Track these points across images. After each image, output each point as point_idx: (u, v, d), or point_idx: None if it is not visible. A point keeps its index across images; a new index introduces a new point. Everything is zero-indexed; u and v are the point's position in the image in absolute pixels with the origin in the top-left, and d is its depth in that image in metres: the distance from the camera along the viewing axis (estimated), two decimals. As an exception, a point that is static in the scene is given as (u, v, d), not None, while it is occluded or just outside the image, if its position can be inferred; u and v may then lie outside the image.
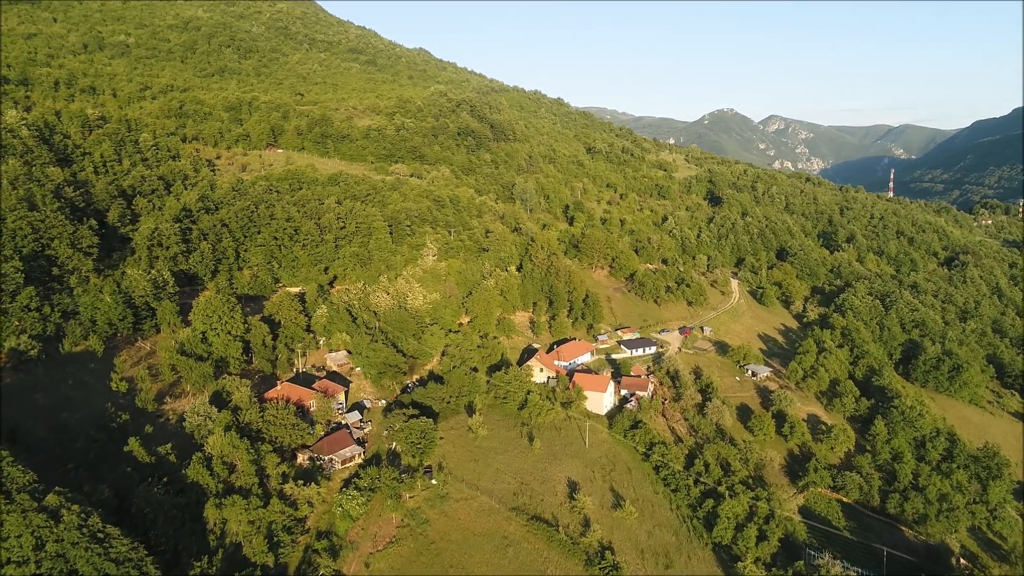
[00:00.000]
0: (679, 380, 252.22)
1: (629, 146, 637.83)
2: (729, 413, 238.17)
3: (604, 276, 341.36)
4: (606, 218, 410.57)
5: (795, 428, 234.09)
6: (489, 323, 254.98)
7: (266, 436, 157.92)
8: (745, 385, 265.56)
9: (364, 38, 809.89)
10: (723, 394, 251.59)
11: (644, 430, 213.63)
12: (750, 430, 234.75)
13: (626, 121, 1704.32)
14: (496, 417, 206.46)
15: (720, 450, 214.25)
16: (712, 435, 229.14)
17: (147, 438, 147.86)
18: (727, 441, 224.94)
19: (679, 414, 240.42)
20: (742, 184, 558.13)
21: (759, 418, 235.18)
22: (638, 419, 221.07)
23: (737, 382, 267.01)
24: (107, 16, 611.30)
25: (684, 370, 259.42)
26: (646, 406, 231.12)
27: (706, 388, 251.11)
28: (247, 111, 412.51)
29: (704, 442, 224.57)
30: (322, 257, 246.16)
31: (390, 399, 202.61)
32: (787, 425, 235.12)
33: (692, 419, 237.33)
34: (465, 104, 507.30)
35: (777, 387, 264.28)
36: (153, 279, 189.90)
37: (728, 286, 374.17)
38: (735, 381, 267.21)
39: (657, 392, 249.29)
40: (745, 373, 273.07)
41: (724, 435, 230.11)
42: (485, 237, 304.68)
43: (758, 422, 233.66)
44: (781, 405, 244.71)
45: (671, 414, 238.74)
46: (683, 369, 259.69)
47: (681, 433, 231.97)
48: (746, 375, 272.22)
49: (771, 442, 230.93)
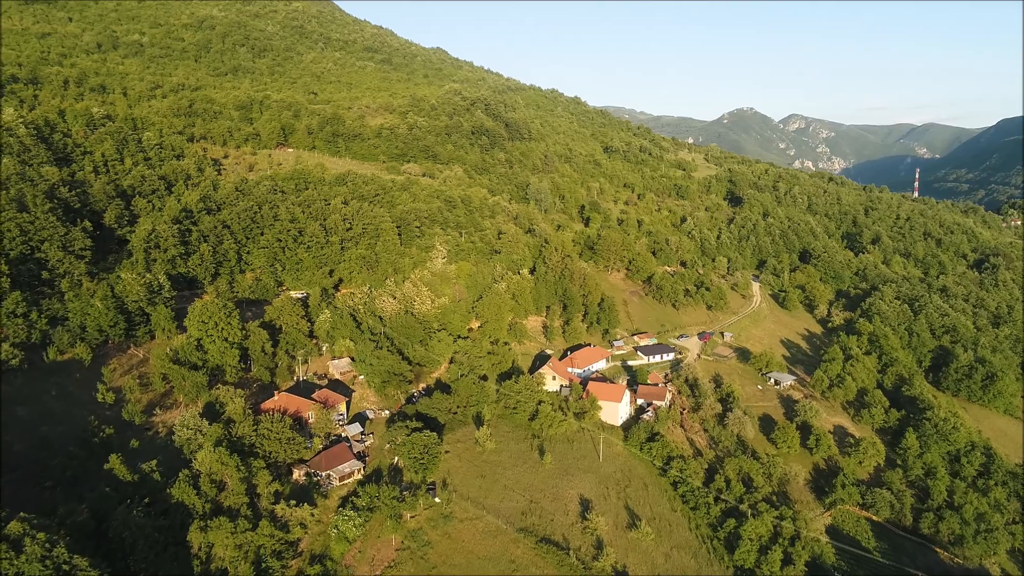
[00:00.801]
0: (698, 389, 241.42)
1: (647, 145, 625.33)
2: (751, 424, 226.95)
3: (620, 279, 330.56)
4: (623, 219, 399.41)
5: (821, 441, 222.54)
6: (500, 328, 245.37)
7: (259, 451, 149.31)
8: (768, 394, 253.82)
9: (380, 37, 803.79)
10: (744, 404, 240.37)
11: (661, 443, 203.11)
12: (773, 442, 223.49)
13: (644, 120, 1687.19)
14: (505, 429, 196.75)
15: (742, 464, 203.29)
16: (733, 448, 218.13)
17: (132, 453, 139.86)
18: (749, 454, 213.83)
19: (698, 425, 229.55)
20: (763, 184, 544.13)
21: (783, 430, 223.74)
22: (655, 431, 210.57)
23: (759, 391, 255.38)
24: (122, 16, 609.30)
25: (703, 378, 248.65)
26: (663, 416, 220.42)
27: (726, 397, 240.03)
28: (258, 110, 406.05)
29: (725, 455, 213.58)
30: (327, 260, 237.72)
31: (394, 409, 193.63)
32: (812, 437, 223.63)
33: (712, 430, 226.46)
34: (480, 102, 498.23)
35: (801, 397, 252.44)
36: (148, 283, 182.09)
37: (749, 289, 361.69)
38: (757, 390, 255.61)
39: (675, 401, 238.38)
40: (767, 381, 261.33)
41: (746, 448, 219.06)
42: (497, 239, 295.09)
43: (782, 434, 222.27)
44: (806, 416, 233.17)
45: (690, 425, 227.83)
46: (702, 377, 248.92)
47: (700, 445, 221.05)
48: (768, 383, 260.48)
49: (795, 455, 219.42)
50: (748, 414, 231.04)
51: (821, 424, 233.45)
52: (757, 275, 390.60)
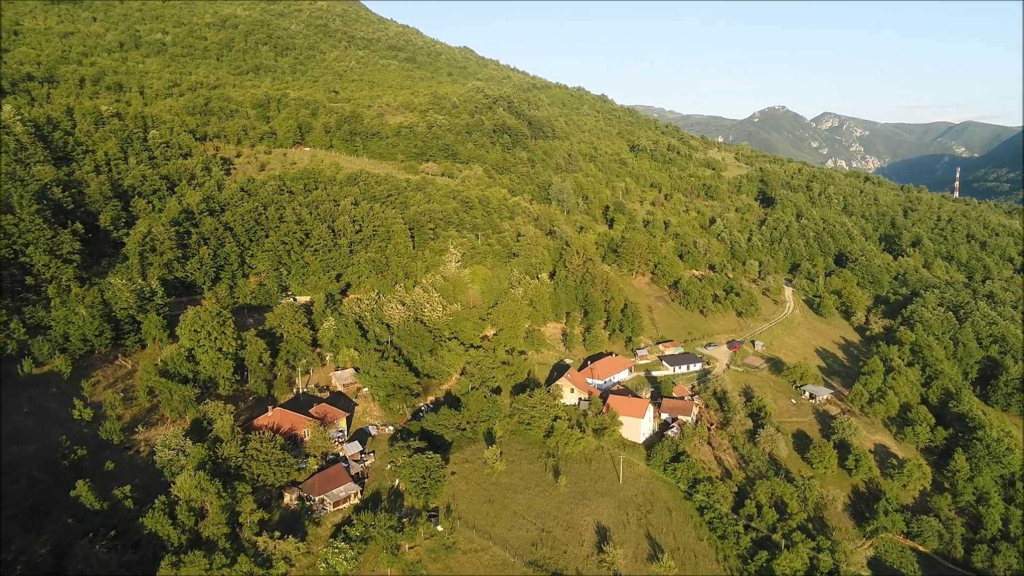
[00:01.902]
0: (727, 402, 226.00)
1: (675, 144, 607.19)
2: (784, 442, 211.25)
3: (645, 283, 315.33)
4: (649, 220, 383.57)
5: (861, 461, 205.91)
6: (516, 337, 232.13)
7: (247, 474, 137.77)
8: (802, 409, 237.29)
9: (404, 36, 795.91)
10: (777, 419, 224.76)
11: (687, 463, 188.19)
12: (808, 462, 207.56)
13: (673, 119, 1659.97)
14: (518, 446, 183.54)
15: (774, 488, 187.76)
16: (765, 468, 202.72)
17: (107, 477, 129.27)
18: (782, 475, 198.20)
19: (727, 442, 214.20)
20: (796, 184, 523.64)
21: (819, 448, 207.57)
22: (680, 449, 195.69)
23: (793, 405, 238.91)
24: (147, 15, 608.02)
25: (733, 391, 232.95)
26: (689, 433, 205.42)
27: (758, 412, 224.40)
28: (275, 108, 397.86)
29: (756, 476, 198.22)
30: (334, 263, 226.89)
31: (399, 424, 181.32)
32: (851, 457, 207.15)
33: (742, 448, 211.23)
34: (502, 100, 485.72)
35: (839, 412, 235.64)
36: (138, 289, 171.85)
37: (782, 295, 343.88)
38: (791, 404, 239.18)
39: (702, 416, 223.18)
40: (802, 395, 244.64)
41: (778, 468, 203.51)
42: (516, 241, 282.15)
43: (818, 453, 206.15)
44: (844, 433, 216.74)
45: (718, 442, 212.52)
46: (732, 390, 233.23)
47: (729, 465, 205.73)
48: (803, 397, 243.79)
49: (833, 477, 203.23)
50: (781, 431, 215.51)
51: (861, 443, 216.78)
52: (790, 279, 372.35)
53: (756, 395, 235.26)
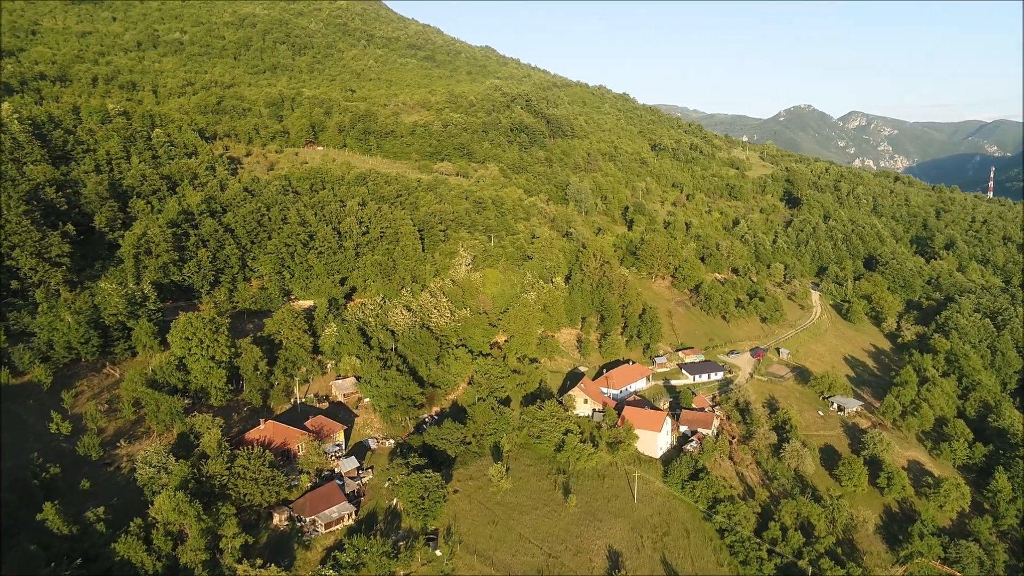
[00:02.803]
0: (750, 414, 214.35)
1: (698, 143, 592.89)
2: (811, 458, 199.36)
3: (665, 287, 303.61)
4: (670, 221, 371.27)
5: (893, 479, 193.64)
6: (528, 343, 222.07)
7: (232, 493, 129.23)
8: (830, 422, 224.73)
9: (424, 34, 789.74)
10: (803, 433, 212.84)
11: (706, 481, 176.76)
12: (837, 479, 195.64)
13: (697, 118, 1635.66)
14: (526, 462, 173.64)
15: (800, 508, 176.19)
16: (790, 486, 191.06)
17: (81, 496, 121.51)
18: (808, 494, 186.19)
19: (750, 457, 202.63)
20: (823, 184, 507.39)
21: (848, 464, 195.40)
22: (700, 465, 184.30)
23: (820, 418, 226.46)
24: (166, 14, 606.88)
25: (756, 402, 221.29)
26: (710, 447, 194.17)
27: (782, 425, 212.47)
28: (289, 107, 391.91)
29: (781, 495, 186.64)
30: (339, 267, 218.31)
31: (401, 437, 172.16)
32: (883, 475, 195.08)
33: (766, 464, 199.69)
34: (520, 98, 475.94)
35: (869, 425, 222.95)
36: (129, 294, 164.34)
37: (808, 299, 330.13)
38: (818, 416, 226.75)
39: (724, 429, 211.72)
40: (830, 407, 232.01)
41: (805, 485, 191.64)
42: (530, 243, 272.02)
43: (847, 470, 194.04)
44: (875, 449, 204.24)
45: (740, 457, 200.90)
46: (755, 401, 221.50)
47: (752, 482, 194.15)
48: (831, 409, 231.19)
49: (863, 496, 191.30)
50: (807, 445, 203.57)
51: (893, 459, 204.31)
52: (817, 283, 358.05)
53: (781, 406, 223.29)
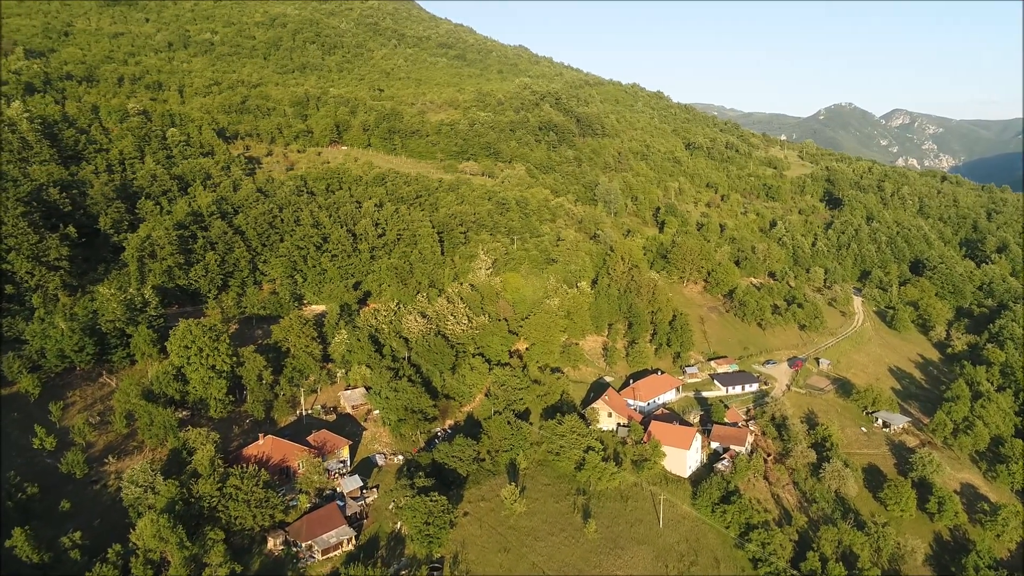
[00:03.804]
0: (787, 430, 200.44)
1: (734, 141, 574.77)
2: (854, 479, 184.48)
3: (697, 292, 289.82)
4: (703, 223, 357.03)
5: (945, 504, 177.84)
6: (550, 352, 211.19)
7: (222, 516, 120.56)
8: (874, 439, 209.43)
9: (455, 33, 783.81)
10: (845, 451, 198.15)
11: (739, 505, 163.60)
12: (882, 503, 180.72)
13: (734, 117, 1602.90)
14: (544, 481, 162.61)
15: (842, 535, 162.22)
16: (831, 510, 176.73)
17: (61, 518, 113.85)
18: (850, 519, 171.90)
19: (786, 477, 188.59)
20: (866, 184, 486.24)
21: (894, 487, 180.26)
22: (732, 487, 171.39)
23: (863, 434, 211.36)
24: (198, 15, 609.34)
25: (794, 416, 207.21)
26: (743, 466, 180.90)
27: (822, 442, 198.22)
28: (314, 106, 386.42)
29: (820, 520, 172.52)
30: (354, 270, 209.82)
31: (411, 453, 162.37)
32: (933, 499, 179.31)
33: (804, 484, 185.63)
34: (550, 96, 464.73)
35: (918, 444, 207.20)
36: (128, 299, 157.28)
37: (850, 306, 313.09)
38: (860, 433, 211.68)
39: (759, 446, 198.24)
40: (874, 423, 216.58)
41: (847, 509, 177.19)
42: (555, 246, 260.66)
43: (893, 492, 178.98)
44: (924, 470, 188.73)
45: (776, 477, 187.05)
46: (792, 415, 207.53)
47: (789, 504, 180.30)
48: (875, 425, 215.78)
49: (911, 522, 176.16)
50: (849, 465, 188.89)
51: (944, 481, 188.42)
52: (859, 289, 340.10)
53: (821, 422, 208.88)
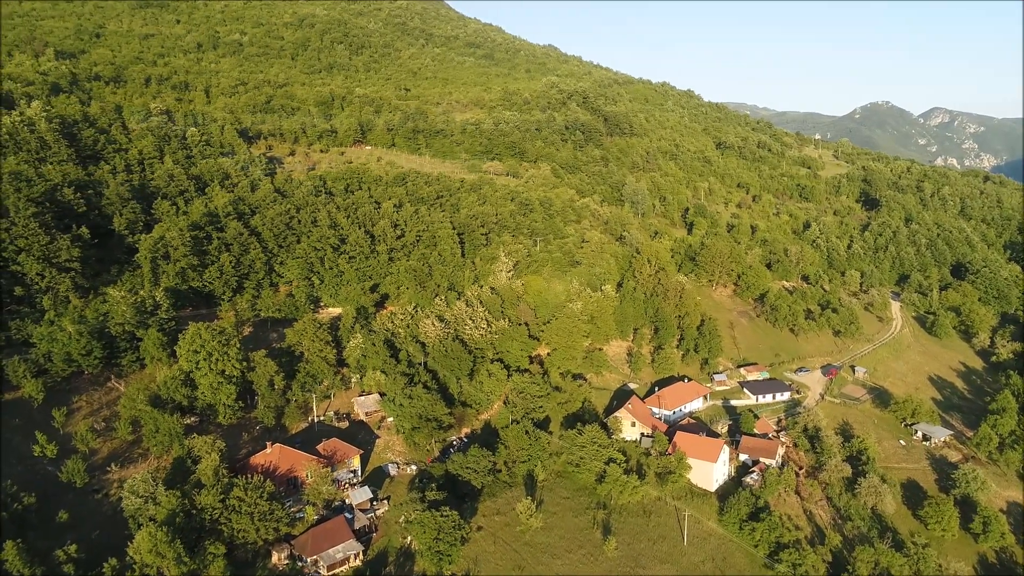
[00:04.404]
0: (821, 442, 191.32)
1: (766, 140, 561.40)
2: (891, 495, 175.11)
3: (727, 296, 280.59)
4: (734, 224, 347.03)
5: (990, 524, 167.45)
6: (572, 358, 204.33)
7: (224, 529, 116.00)
8: (913, 453, 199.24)
9: (483, 33, 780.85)
10: (882, 465, 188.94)
11: (768, 522, 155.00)
12: (922, 521, 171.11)
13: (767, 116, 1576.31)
14: (563, 494, 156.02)
15: (880, 557, 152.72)
16: (867, 528, 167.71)
17: (58, 529, 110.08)
18: (888, 539, 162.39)
19: (820, 492, 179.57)
20: (905, 184, 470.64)
21: (936, 505, 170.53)
22: (761, 503, 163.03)
23: (902, 448, 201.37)
24: (228, 16, 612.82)
25: (828, 428, 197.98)
26: (773, 480, 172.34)
27: (858, 456, 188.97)
28: (339, 106, 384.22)
29: (856, 540, 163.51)
30: (371, 273, 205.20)
31: (425, 463, 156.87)
32: (978, 519, 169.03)
33: (838, 500, 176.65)
34: (577, 95, 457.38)
35: (961, 459, 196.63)
36: (138, 302, 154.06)
37: (887, 311, 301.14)
38: (899, 446, 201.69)
39: (790, 458, 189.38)
40: (913, 435, 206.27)
41: (884, 528, 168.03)
42: (579, 248, 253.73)
43: (934, 511, 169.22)
44: (968, 487, 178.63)
45: (808, 492, 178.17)
46: (826, 426, 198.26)
47: (822, 521, 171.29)
48: (914, 438, 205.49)
49: (953, 543, 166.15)
50: (887, 480, 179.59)
51: (990, 500, 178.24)
52: (897, 293, 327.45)
53: (856, 434, 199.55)
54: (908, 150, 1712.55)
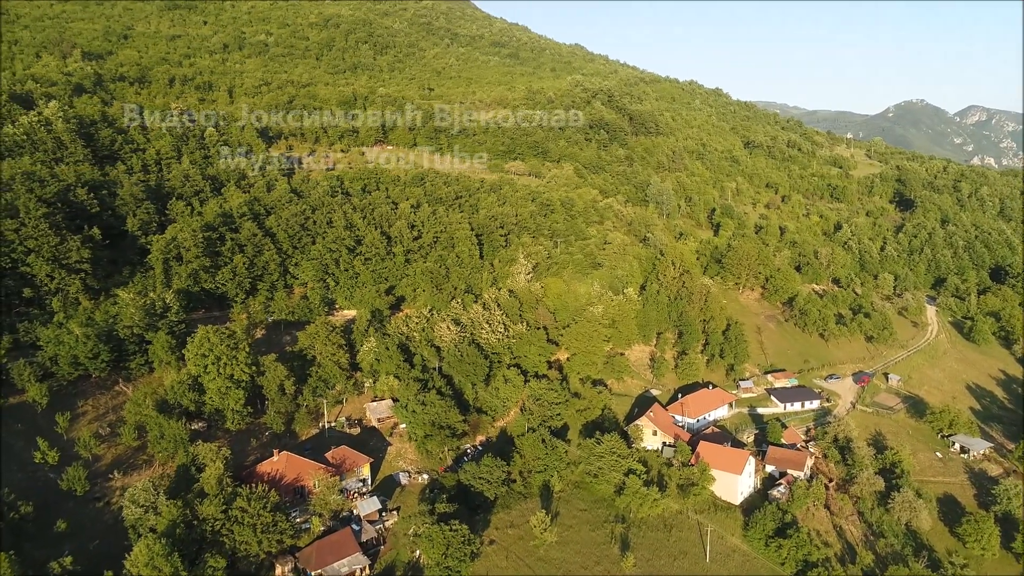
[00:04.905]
0: (852, 454, 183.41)
1: (796, 139, 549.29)
2: (927, 511, 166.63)
3: (754, 300, 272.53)
4: (762, 225, 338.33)
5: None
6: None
7: (226, 541, 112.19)
8: (951, 466, 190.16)
9: (508, 32, 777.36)
10: (917, 479, 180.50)
11: (796, 539, 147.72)
12: (960, 539, 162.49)
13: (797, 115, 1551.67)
14: (580, 506, 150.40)
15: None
16: (900, 545, 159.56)
17: (55, 539, 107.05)
18: (924, 558, 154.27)
19: (851, 507, 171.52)
20: (941, 184, 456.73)
21: (974, 522, 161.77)
22: (788, 518, 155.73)
23: (938, 460, 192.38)
24: (254, 17, 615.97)
25: (859, 438, 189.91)
26: (801, 494, 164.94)
27: (891, 468, 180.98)
28: (361, 106, 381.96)
29: (889, 557, 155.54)
30: (387, 274, 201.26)
31: (437, 471, 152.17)
32: (1020, 537, 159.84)
33: (870, 515, 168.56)
34: (602, 94, 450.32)
35: (1001, 473, 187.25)
36: (147, 304, 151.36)
37: (922, 316, 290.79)
38: (935, 459, 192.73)
39: (819, 470, 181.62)
40: (950, 447, 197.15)
41: (919, 545, 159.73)
42: (601, 249, 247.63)
43: (973, 528, 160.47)
44: (1009, 504, 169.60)
45: (838, 506, 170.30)
46: (858, 437, 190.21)
47: (853, 538, 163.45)
48: (952, 450, 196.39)
49: (993, 563, 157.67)
50: (922, 495, 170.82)
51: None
52: (933, 297, 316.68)
53: (889, 445, 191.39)
54: (943, 149, 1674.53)
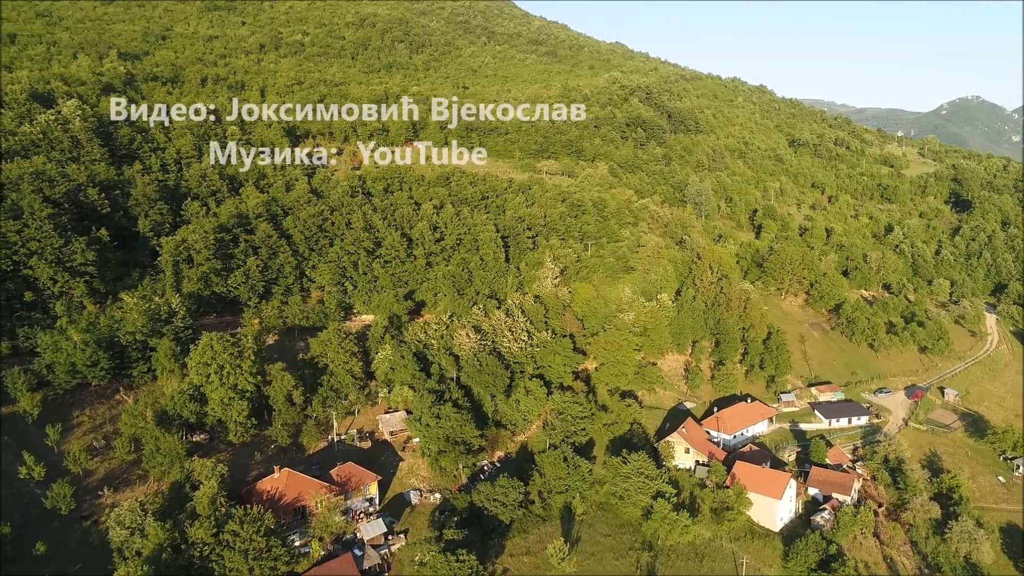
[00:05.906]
0: (904, 476, 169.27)
1: (844, 137, 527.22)
2: (989, 543, 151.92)
3: (797, 307, 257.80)
4: (807, 227, 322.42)
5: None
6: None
7: (216, 568, 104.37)
8: (1015, 492, 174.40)
9: (547, 30, 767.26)
10: (977, 505, 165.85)
11: (842, 571, 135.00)
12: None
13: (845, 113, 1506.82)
14: (603, 530, 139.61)
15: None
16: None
17: (34, 563, 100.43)
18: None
19: (903, 535, 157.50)
20: (1001, 184, 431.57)
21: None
22: (833, 549, 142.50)
23: (1000, 485, 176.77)
24: (291, 17, 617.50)
25: (912, 459, 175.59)
26: (848, 520, 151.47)
27: (948, 493, 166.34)
28: (393, 104, 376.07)
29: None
30: (407, 278, 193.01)
31: (451, 490, 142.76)
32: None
33: (924, 546, 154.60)
34: (640, 91, 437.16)
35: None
36: (152, 309, 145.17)
37: (981, 325, 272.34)
38: (997, 483, 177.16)
39: (868, 494, 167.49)
40: (1015, 471, 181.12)
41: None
42: (634, 252, 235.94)
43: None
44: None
45: (889, 535, 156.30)
46: (911, 458, 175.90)
47: (905, 570, 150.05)
48: (1016, 474, 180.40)
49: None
50: (984, 524, 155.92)
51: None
52: (993, 305, 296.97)
53: (946, 467, 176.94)
54: (1001, 147, 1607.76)
